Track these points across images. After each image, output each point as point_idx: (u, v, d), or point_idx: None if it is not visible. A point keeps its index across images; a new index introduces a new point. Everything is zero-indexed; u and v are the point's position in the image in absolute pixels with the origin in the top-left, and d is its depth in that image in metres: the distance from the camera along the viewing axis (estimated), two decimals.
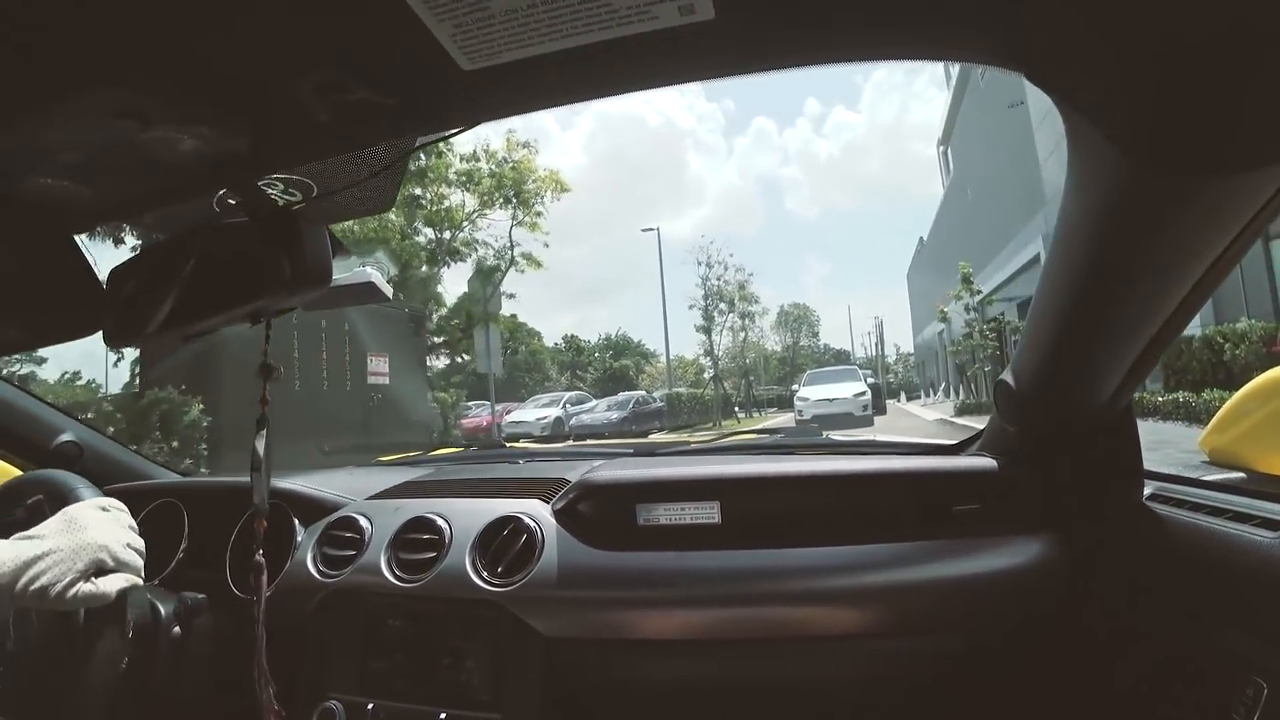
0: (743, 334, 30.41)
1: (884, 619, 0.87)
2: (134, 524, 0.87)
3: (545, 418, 16.24)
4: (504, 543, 0.99)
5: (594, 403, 18.68)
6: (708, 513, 0.95)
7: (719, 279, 25.98)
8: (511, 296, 16.96)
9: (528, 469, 1.28)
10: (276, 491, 1.14)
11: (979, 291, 15.83)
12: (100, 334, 0.68)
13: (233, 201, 0.66)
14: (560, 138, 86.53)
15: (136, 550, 0.83)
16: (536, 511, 1.02)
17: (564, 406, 17.46)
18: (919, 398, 32.24)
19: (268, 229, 0.60)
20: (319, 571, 1.04)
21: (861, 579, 0.87)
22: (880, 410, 16.16)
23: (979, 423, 1.12)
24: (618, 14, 0.38)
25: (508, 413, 17.26)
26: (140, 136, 0.48)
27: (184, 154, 0.52)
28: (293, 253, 0.58)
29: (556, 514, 1.02)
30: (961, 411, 14.52)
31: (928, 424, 13.70)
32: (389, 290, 0.84)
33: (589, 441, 1.96)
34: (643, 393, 21.15)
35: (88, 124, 0.48)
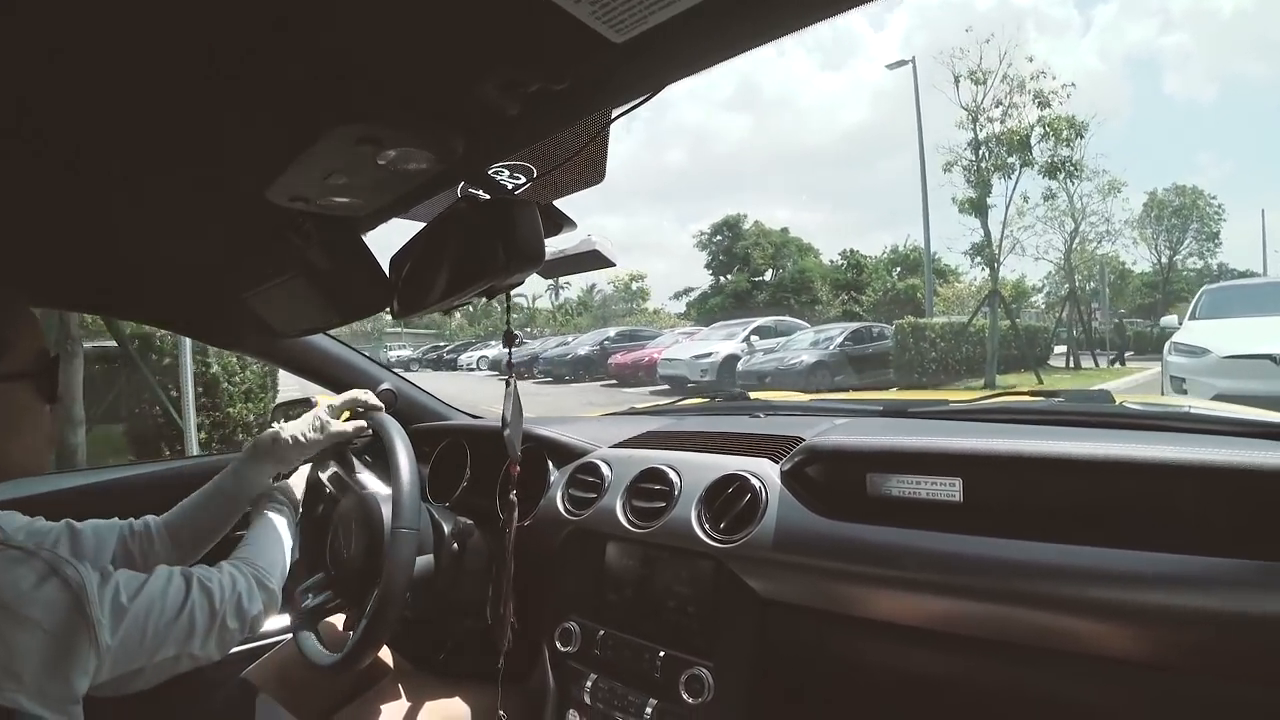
0: (1069, 221, 15.07)
1: (1188, 652, 0.67)
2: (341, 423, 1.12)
3: (709, 357, 11.35)
4: (728, 500, 1.01)
5: (795, 335, 13.17)
6: (947, 490, 0.86)
7: (1000, 106, 11.07)
8: None
9: (765, 424, 1.27)
10: (535, 437, 1.35)
11: None
12: (388, 310, 0.91)
13: (472, 191, 0.78)
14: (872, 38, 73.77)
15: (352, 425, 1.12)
16: (764, 471, 1.02)
17: (746, 340, 12.27)
18: None
19: (484, 219, 0.73)
20: (566, 510, 1.19)
21: (1154, 596, 0.68)
22: None
23: None
24: None
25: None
26: (379, 156, 0.60)
27: (416, 162, 0.62)
28: (506, 239, 0.71)
29: (783, 475, 1.00)
30: None
31: None
32: (615, 256, 0.99)
33: (834, 395, 1.78)
34: (861, 325, 14.11)
35: (339, 154, 0.60)
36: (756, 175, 74.29)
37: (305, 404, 1.29)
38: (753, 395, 1.72)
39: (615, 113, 0.64)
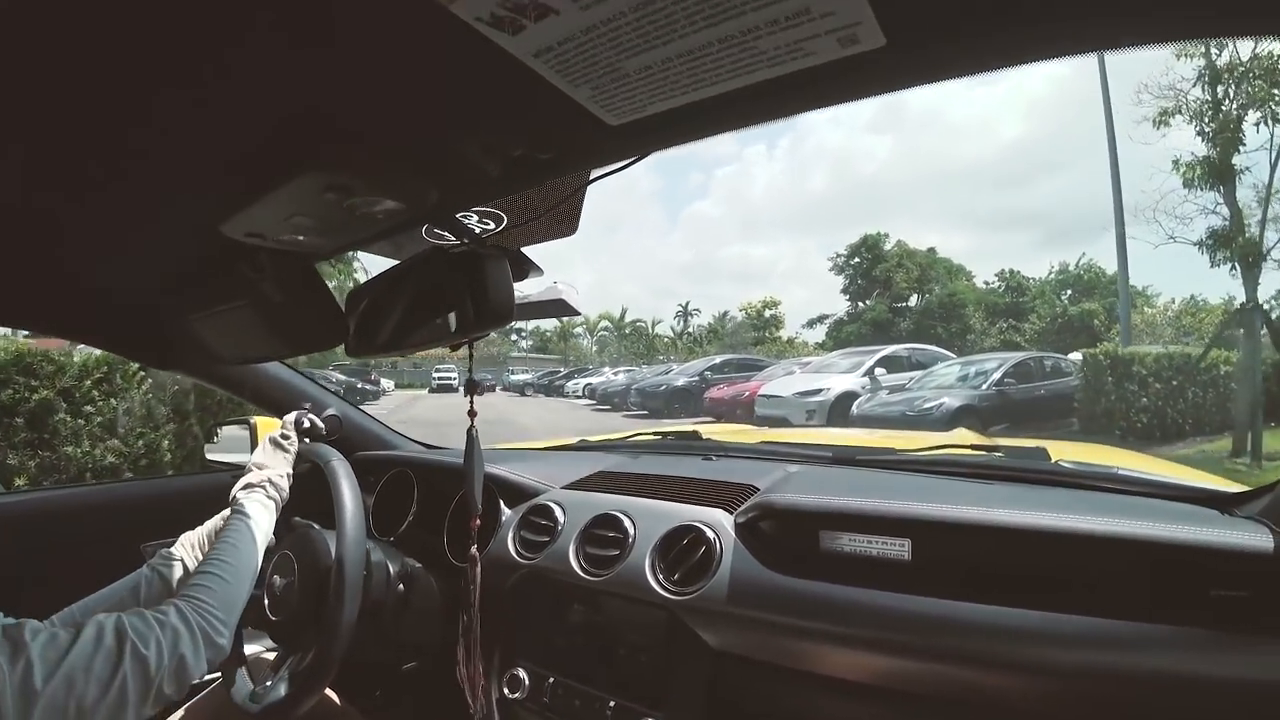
0: None
1: (1110, 711, 0.73)
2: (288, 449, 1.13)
3: (818, 395, 8.98)
4: (683, 551, 1.00)
5: (935, 369, 10.00)
6: (897, 549, 0.88)
7: None
8: None
9: (717, 468, 1.26)
10: (487, 476, 1.19)
11: None
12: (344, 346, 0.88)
13: (438, 233, 0.78)
14: None
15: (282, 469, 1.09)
16: (718, 522, 1.02)
17: (870, 373, 9.70)
18: None
19: (455, 272, 0.71)
20: (517, 553, 1.15)
21: (1085, 656, 0.73)
22: None
23: None
24: (766, 55, 0.37)
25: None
26: (346, 202, 0.59)
27: (385, 208, 0.62)
28: (476, 294, 0.69)
29: (738, 527, 1.00)
30: None
31: None
32: (579, 305, 1.00)
33: (784, 438, 1.72)
34: (1028, 356, 10.00)
35: (304, 199, 0.60)
36: (902, 198, 69.65)
37: (243, 423, 1.53)
38: (704, 434, 1.65)
39: (595, 174, 0.66)
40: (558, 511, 1.17)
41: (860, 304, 33.14)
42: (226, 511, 1.01)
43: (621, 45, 0.37)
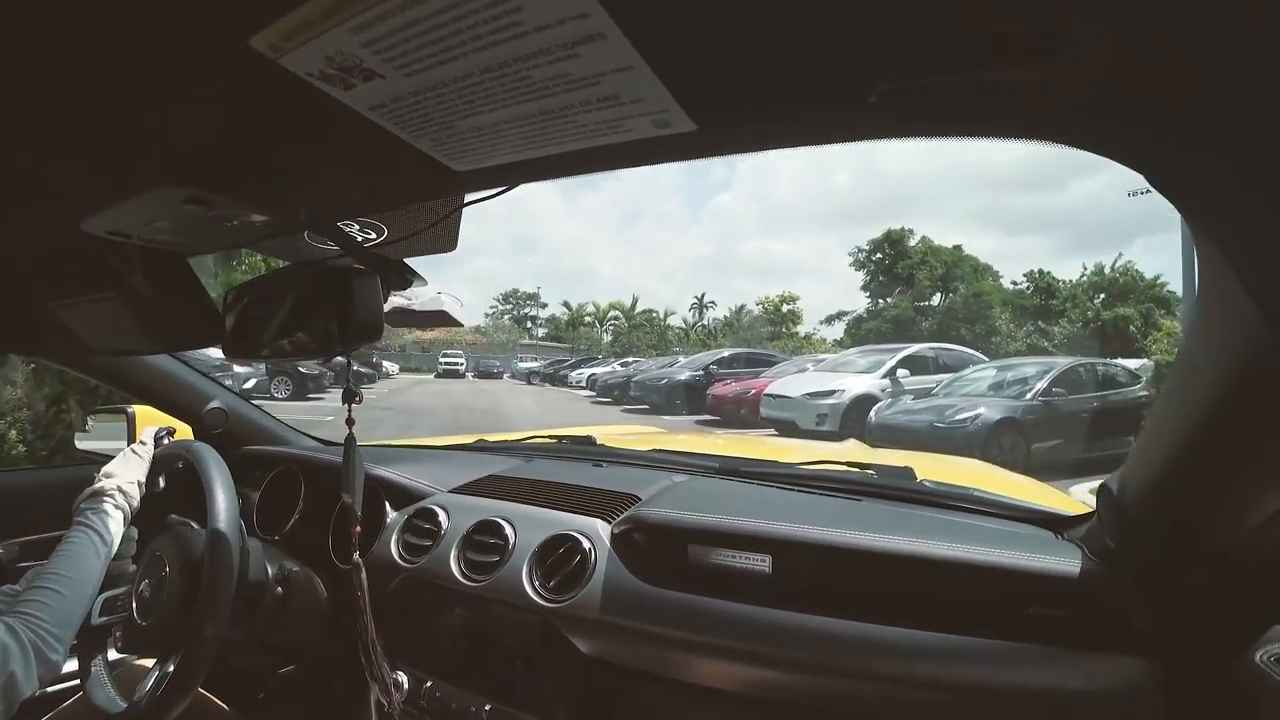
0: None
1: (942, 716, 0.79)
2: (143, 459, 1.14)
3: (830, 397, 7.95)
4: (559, 560, 1.02)
5: (965, 373, 8.57)
6: (758, 564, 0.93)
7: None
8: None
9: (606, 476, 1.29)
10: (373, 478, 1.27)
11: None
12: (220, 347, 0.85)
13: (319, 242, 0.77)
14: None
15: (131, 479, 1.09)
16: (595, 532, 1.05)
17: (890, 375, 8.66)
18: None
19: (319, 290, 0.70)
20: (400, 556, 1.15)
21: (918, 668, 0.79)
22: None
23: None
24: (588, 128, 0.40)
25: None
26: (211, 214, 0.58)
27: (252, 221, 0.61)
28: (341, 312, 0.69)
29: (614, 538, 1.03)
30: None
31: None
32: (464, 317, 0.99)
33: (674, 446, 1.68)
34: (1080, 362, 8.30)
35: (165, 208, 0.58)
36: (928, 198, 67.85)
37: (119, 412, 1.45)
38: (599, 439, 1.68)
39: (470, 198, 0.67)
40: (441, 515, 1.17)
41: (881, 301, 31.98)
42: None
43: (450, 108, 0.39)
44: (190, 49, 0.37)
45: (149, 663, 1.07)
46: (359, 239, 0.75)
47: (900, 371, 8.96)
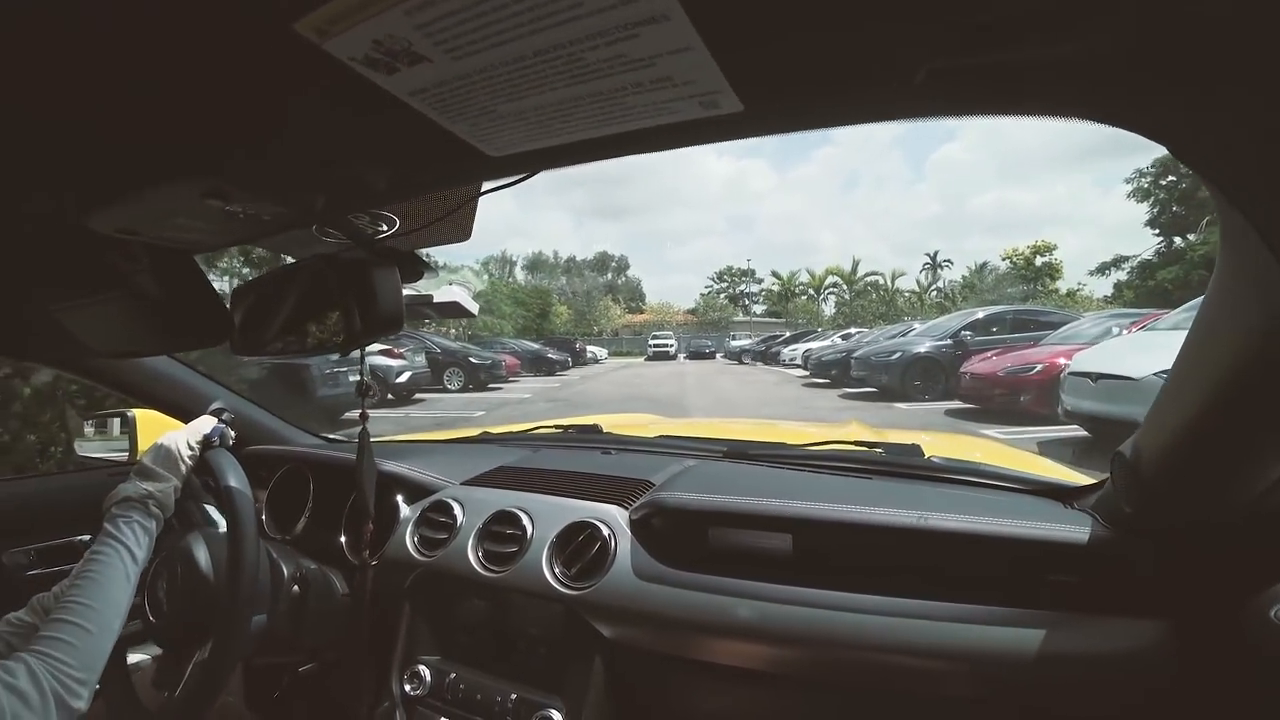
0: None
1: (964, 683, 0.80)
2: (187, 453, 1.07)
3: None
4: (579, 547, 1.03)
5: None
6: (780, 542, 0.95)
7: None
8: None
9: (616, 463, 1.30)
10: (384, 473, 1.26)
11: None
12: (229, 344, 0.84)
13: (329, 236, 0.74)
14: None
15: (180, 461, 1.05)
16: (613, 519, 1.06)
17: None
18: None
19: (342, 282, 0.70)
20: (416, 550, 1.15)
21: (943, 637, 0.80)
22: None
23: None
24: (635, 110, 0.40)
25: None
26: (227, 206, 0.57)
27: (270, 213, 0.60)
28: (365, 303, 0.69)
29: (632, 524, 1.04)
30: None
31: None
32: (474, 306, 0.97)
33: (679, 431, 1.69)
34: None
35: (181, 201, 0.56)
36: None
37: (119, 415, 1.42)
38: (605, 427, 1.68)
39: (486, 187, 0.66)
40: (456, 508, 1.17)
41: (1180, 239, 24.28)
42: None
43: (496, 92, 0.38)
44: (229, 33, 0.36)
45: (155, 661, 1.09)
46: (370, 231, 0.73)
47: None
